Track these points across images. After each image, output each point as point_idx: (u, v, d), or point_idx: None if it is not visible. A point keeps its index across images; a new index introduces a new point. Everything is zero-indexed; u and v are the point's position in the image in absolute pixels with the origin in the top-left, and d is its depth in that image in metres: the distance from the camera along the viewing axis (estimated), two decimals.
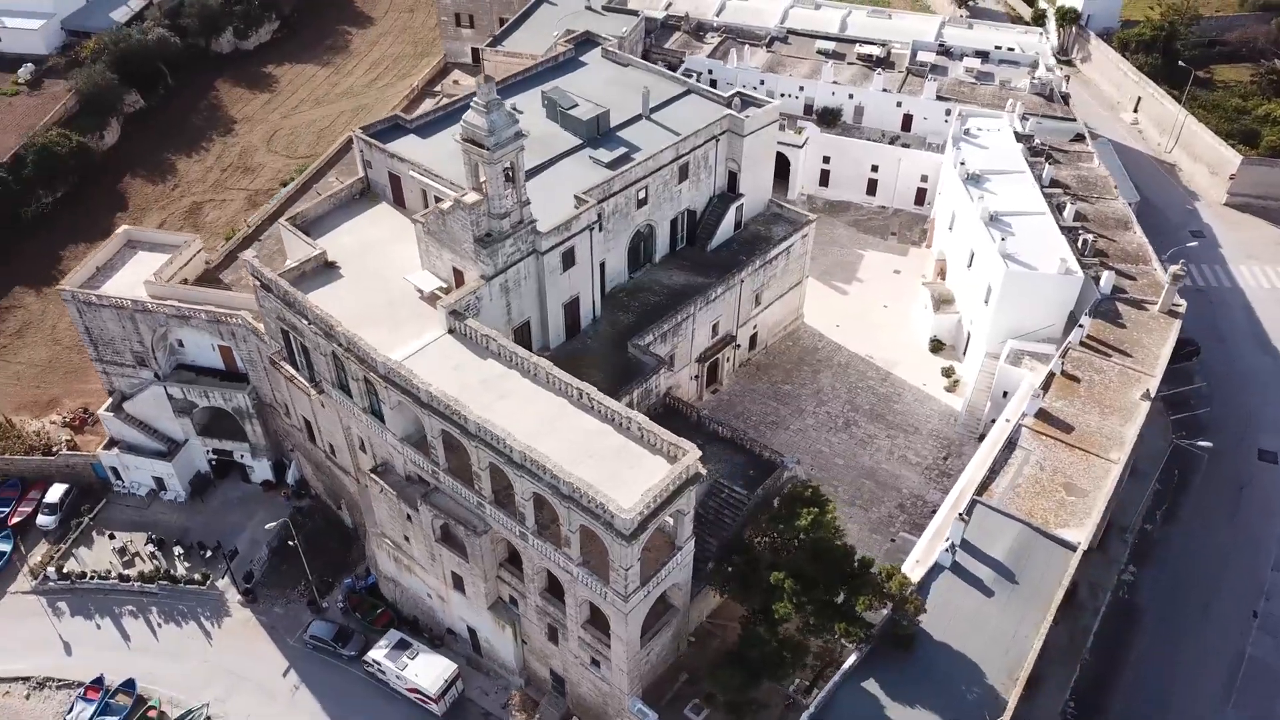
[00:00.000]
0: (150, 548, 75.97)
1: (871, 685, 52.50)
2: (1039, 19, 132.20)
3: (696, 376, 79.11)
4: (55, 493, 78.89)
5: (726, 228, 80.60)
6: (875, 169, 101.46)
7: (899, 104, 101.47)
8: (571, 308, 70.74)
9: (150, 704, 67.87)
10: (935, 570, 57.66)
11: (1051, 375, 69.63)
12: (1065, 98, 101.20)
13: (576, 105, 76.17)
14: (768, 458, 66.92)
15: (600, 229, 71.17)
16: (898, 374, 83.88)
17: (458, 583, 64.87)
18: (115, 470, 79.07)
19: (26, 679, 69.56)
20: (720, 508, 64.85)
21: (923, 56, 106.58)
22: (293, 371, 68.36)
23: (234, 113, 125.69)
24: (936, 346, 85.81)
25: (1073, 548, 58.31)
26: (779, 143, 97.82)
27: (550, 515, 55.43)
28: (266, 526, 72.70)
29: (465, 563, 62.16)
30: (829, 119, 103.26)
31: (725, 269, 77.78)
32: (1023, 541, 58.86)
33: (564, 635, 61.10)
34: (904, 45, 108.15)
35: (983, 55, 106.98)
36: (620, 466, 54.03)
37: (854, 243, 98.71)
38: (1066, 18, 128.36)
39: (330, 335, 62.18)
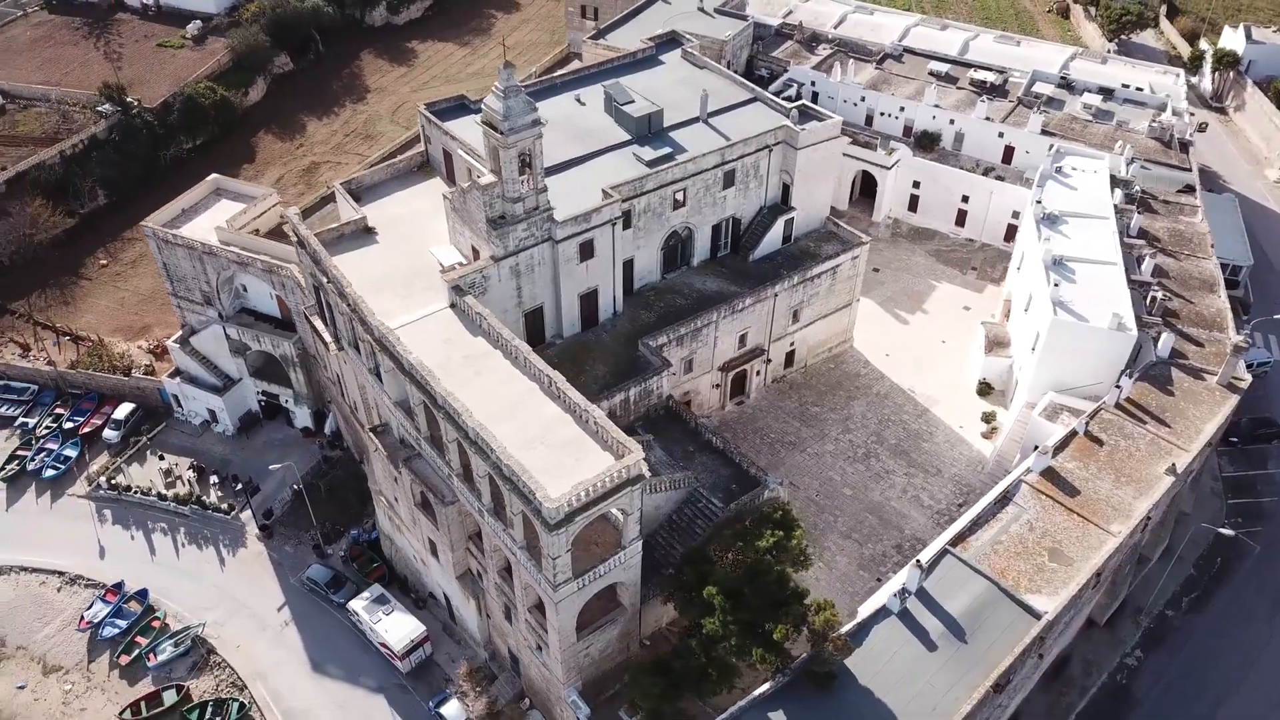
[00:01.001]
0: (191, 473, 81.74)
1: (779, 717, 51.10)
2: (1196, 61, 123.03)
3: (718, 385, 78.41)
4: (123, 410, 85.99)
5: (773, 240, 79.42)
6: (965, 199, 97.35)
7: (1001, 134, 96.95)
8: (589, 299, 71.52)
9: (156, 615, 73.23)
10: (881, 614, 55.43)
11: (1072, 434, 65.39)
12: (1185, 145, 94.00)
13: (632, 102, 76.77)
14: (753, 474, 65.84)
15: (629, 226, 71.76)
16: (936, 412, 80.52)
17: (433, 549, 67.01)
18: (176, 398, 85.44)
19: (62, 574, 76.25)
20: (694, 517, 64.33)
21: (1040, 88, 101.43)
22: (320, 326, 72.16)
23: (370, 82, 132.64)
24: (985, 390, 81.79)
25: (1037, 616, 54.73)
26: (867, 162, 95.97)
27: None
28: (271, 467, 77.05)
29: (436, 530, 64.17)
30: (927, 143, 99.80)
31: (762, 281, 76.74)
32: (985, 601, 55.70)
33: (514, 616, 62.21)
34: (1023, 74, 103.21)
35: (1106, 92, 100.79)
36: (568, 457, 54.50)
37: (929, 273, 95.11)
38: (1224, 61, 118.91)
39: (342, 295, 65.28)
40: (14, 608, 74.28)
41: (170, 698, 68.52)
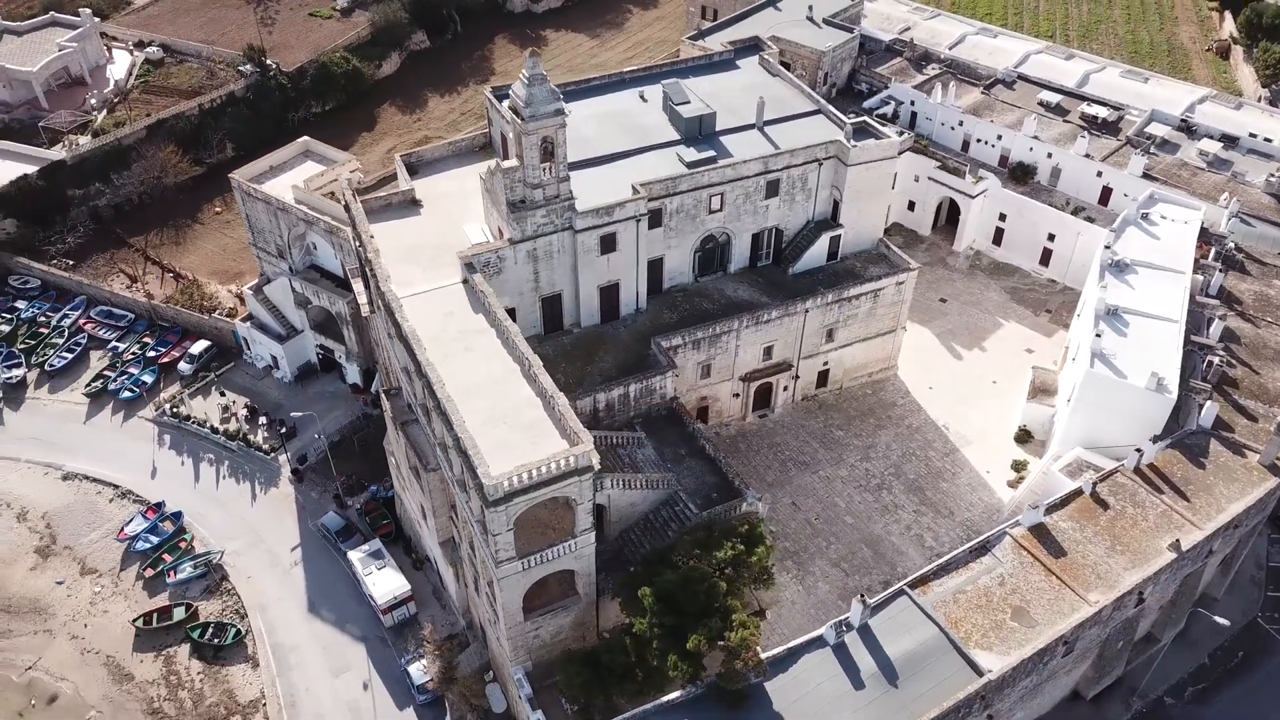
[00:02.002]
0: (245, 412, 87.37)
1: None
2: None
3: (738, 394, 77.66)
4: (199, 346, 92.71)
5: (815, 255, 77.97)
6: (1052, 238, 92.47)
7: (1099, 173, 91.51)
8: (609, 292, 72.30)
9: (185, 536, 78.88)
10: (815, 644, 54.05)
11: (1076, 493, 61.67)
12: None
13: (686, 103, 76.93)
14: (736, 485, 65.09)
15: (659, 224, 72.05)
16: (966, 453, 77.21)
17: (423, 513, 69.52)
18: (246, 341, 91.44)
19: (116, 487, 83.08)
20: (670, 519, 64.17)
21: (1155, 129, 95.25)
22: (359, 286, 75.84)
23: (497, 66, 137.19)
24: (1024, 437, 77.79)
25: (980, 673, 52.09)
26: (952, 189, 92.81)
27: None
28: (293, 414, 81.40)
29: (422, 494, 66.60)
30: (1021, 175, 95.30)
31: (796, 295, 75.54)
32: (929, 649, 53.47)
33: (479, 588, 63.91)
34: (1140, 113, 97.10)
35: (1229, 140, 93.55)
36: (526, 439, 55.56)
37: (1000, 310, 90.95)
38: None
39: (367, 260, 68.52)
40: (70, 511, 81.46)
41: (179, 614, 73.75)
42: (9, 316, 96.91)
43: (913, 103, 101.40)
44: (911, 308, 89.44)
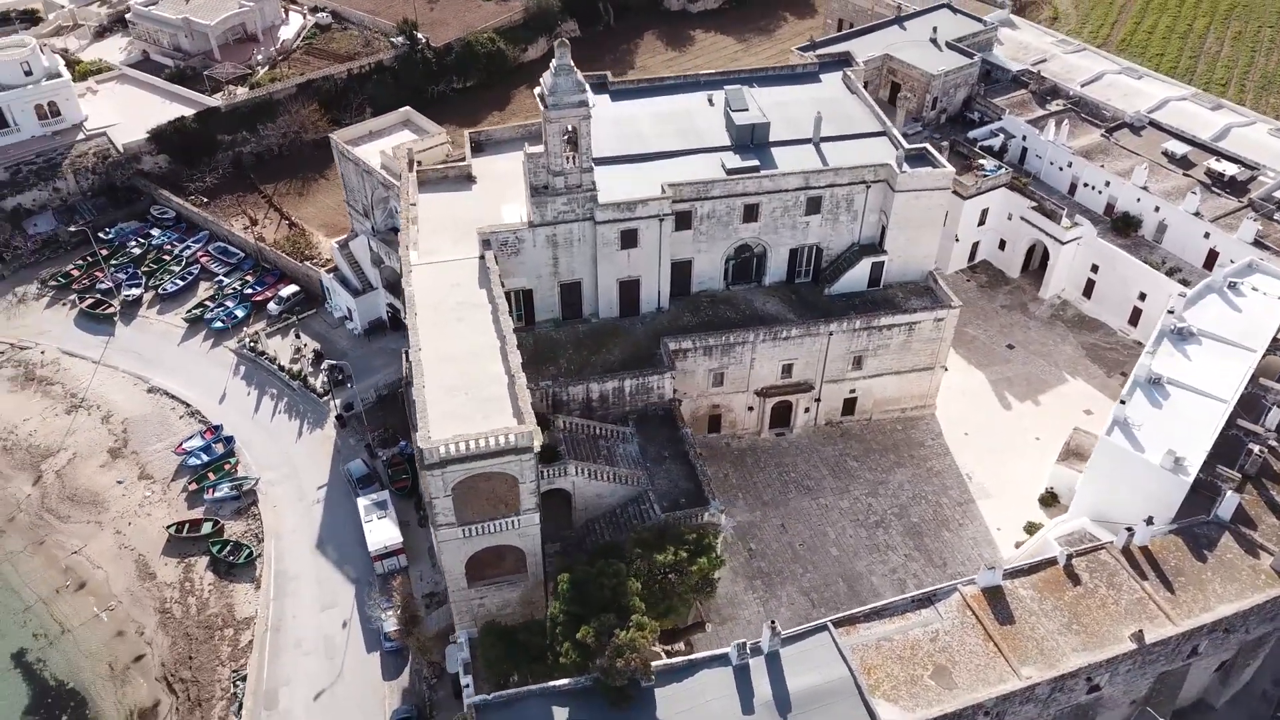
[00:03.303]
0: (311, 356, 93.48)
1: (560, 713, 51.27)
2: None
3: (752, 408, 76.70)
4: (288, 290, 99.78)
5: (854, 279, 75.96)
6: (1143, 297, 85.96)
7: (1206, 235, 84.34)
8: (629, 287, 73.13)
9: (231, 459, 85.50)
10: (717, 660, 53.31)
11: (1049, 562, 57.80)
12: None
13: (744, 110, 76.59)
14: (706, 494, 64.73)
15: (688, 227, 72.25)
16: (980, 507, 73.40)
17: None
18: (328, 291, 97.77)
19: (188, 405, 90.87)
20: (634, 516, 64.77)
21: None
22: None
23: (638, 60, 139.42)
24: (1049, 500, 73.12)
25: None
26: (1043, 231, 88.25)
27: None
28: (327, 362, 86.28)
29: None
30: (1124, 227, 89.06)
31: (826, 316, 73.96)
32: (832, 690, 51.77)
33: None
34: (1276, 175, 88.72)
35: None
36: (479, 412, 57.57)
37: (1070, 365, 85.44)
38: None
39: (398, 226, 72.27)
40: (146, 420, 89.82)
41: (207, 528, 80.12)
42: (143, 241, 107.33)
43: (1024, 138, 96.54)
44: (974, 350, 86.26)
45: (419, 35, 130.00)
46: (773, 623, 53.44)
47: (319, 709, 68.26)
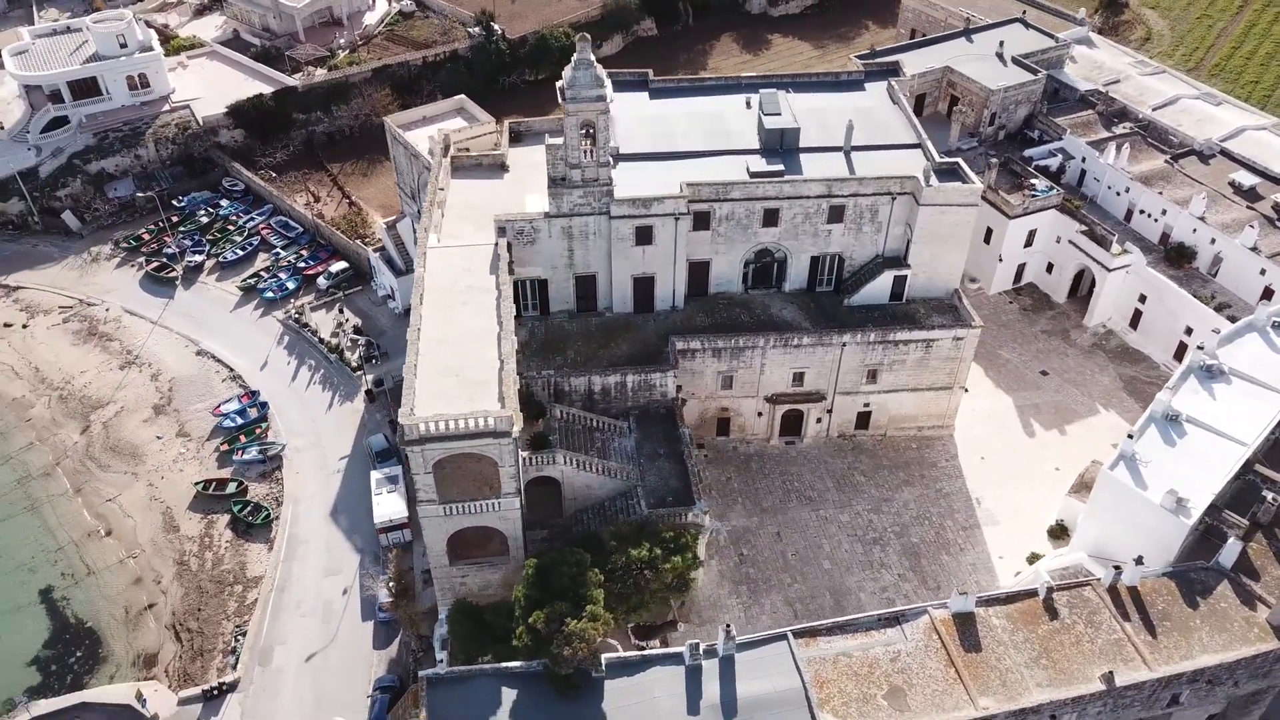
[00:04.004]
0: (351, 330, 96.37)
1: (507, 693, 51.99)
2: None
3: (761, 414, 76.09)
4: (337, 266, 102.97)
5: (876, 291, 74.72)
6: (1189, 332, 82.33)
7: (1263, 271, 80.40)
8: (644, 284, 73.39)
9: (263, 424, 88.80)
10: (670, 659, 53.32)
11: (1029, 594, 56.09)
12: None
13: (776, 115, 76.07)
14: (693, 494, 64.64)
15: (706, 228, 72.15)
16: (986, 533, 71.48)
17: None
18: (374, 269, 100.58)
19: (232, 369, 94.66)
20: (622, 509, 65.19)
21: None
22: None
23: (711, 62, 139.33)
24: (1059, 532, 70.69)
25: None
26: (1090, 257, 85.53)
27: None
28: (363, 339, 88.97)
29: None
30: (1177, 257, 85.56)
31: (842, 326, 73.05)
32: (782, 700, 51.27)
33: None
34: None
35: None
36: (465, 394, 58.68)
37: (1105, 397, 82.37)
38: None
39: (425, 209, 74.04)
40: (191, 380, 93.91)
41: (231, 488, 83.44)
42: (211, 211, 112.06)
43: (1084, 159, 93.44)
44: (1005, 373, 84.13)
45: (495, 26, 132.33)
46: (728, 626, 53.23)
47: (309, 670, 70.52)
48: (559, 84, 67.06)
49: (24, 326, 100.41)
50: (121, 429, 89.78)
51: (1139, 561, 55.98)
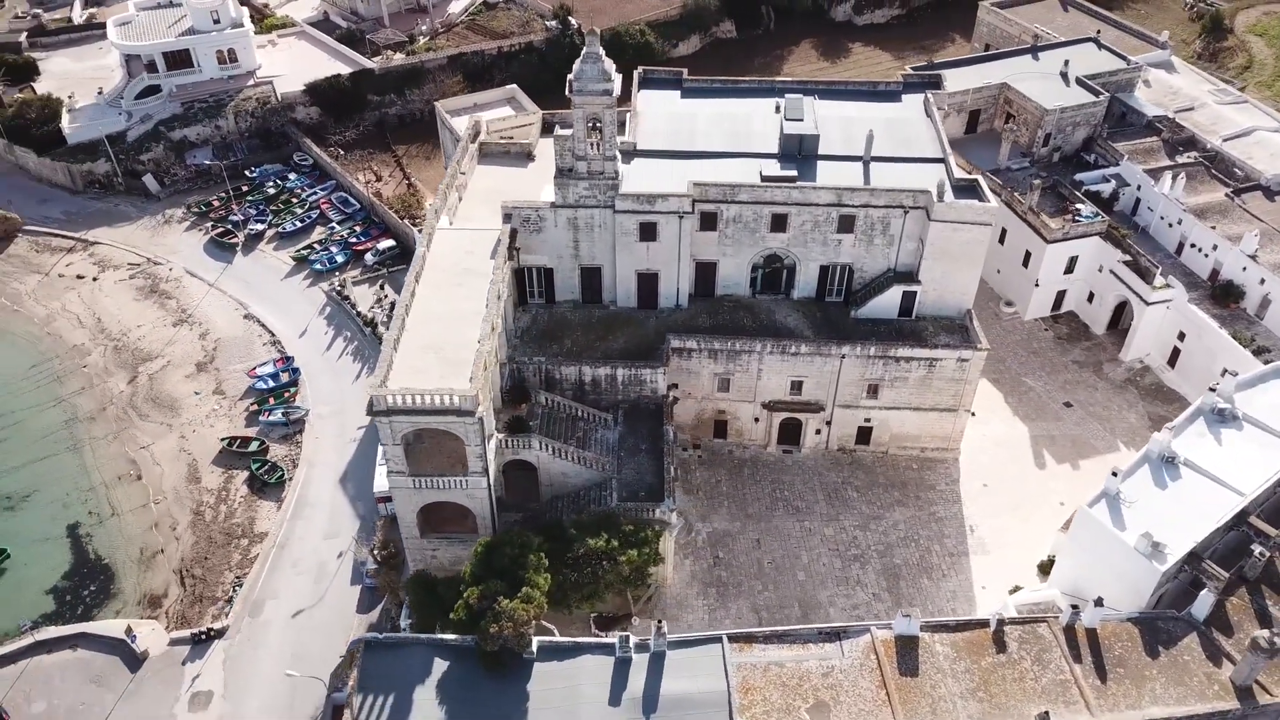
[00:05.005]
0: (388, 306, 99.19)
1: (433, 662, 53.19)
2: None
3: (758, 419, 75.51)
4: (385, 244, 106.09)
5: (884, 305, 73.38)
6: (1225, 373, 78.09)
7: None
8: (647, 280, 73.73)
9: (292, 389, 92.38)
10: (601, 648, 53.65)
11: (980, 624, 54.45)
12: None
13: (799, 121, 75.46)
14: (665, 491, 64.74)
15: (712, 228, 72.10)
16: (973, 561, 69.53)
17: None
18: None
19: (274, 334, 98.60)
20: (594, 500, 65.75)
21: None
22: None
23: (785, 67, 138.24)
24: (1048, 566, 68.04)
25: None
26: (1128, 287, 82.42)
27: None
28: (375, 303, 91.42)
29: None
30: (1224, 296, 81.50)
31: (845, 338, 72.09)
32: (705, 701, 51.07)
33: None
34: None
35: None
36: (439, 371, 60.04)
37: (1129, 435, 79.02)
38: None
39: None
40: (234, 341, 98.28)
41: (253, 446, 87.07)
42: (279, 184, 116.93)
43: (1139, 187, 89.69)
44: (1026, 401, 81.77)
45: (572, 20, 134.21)
46: (659, 622, 53.29)
47: (293, 626, 73.05)
48: (569, 77, 67.94)
49: (94, 279, 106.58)
50: (165, 382, 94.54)
51: (1099, 603, 53.73)
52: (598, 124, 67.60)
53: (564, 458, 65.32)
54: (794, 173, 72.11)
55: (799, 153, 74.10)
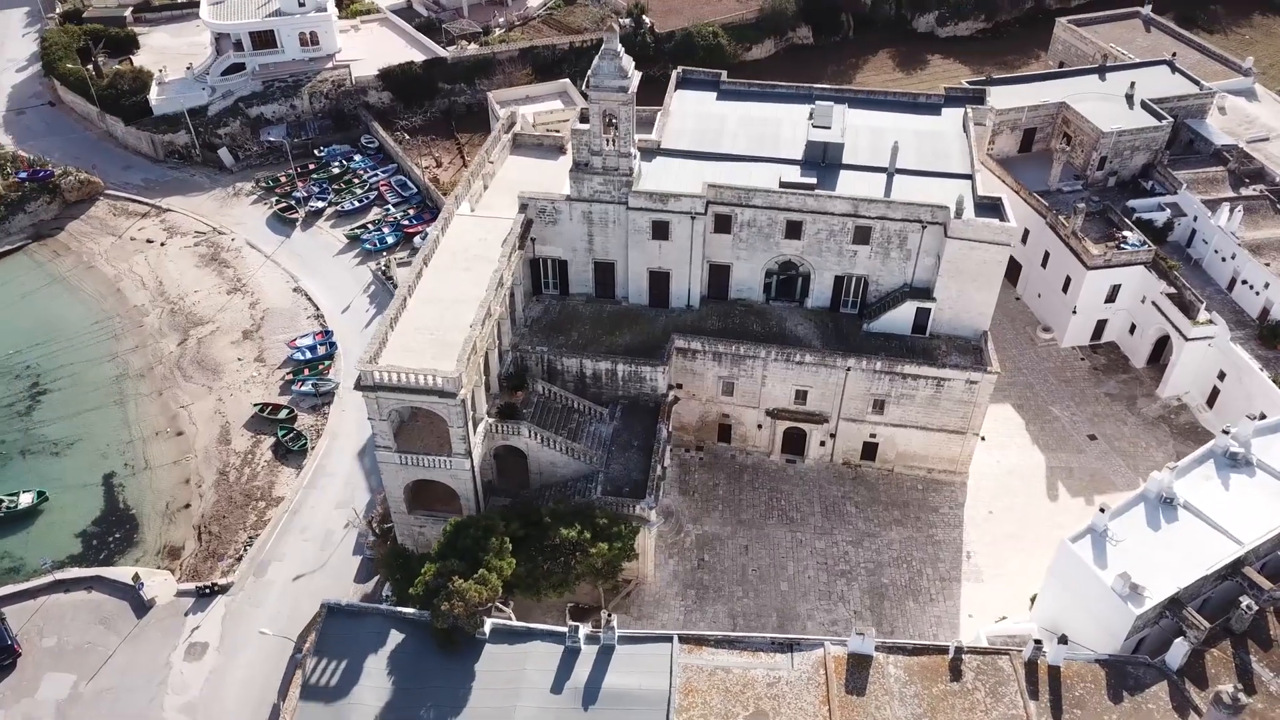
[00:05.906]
0: None
1: (390, 633, 54.46)
2: None
3: (761, 426, 74.93)
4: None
5: (897, 320, 72.04)
6: (1263, 418, 74.31)
7: None
8: (659, 278, 73.87)
9: (327, 362, 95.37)
10: (554, 636, 54.12)
11: (937, 649, 53.14)
12: None
13: (825, 129, 74.60)
14: (647, 489, 64.88)
15: (727, 231, 71.86)
16: (965, 588, 67.78)
17: None
18: None
19: (318, 308, 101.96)
20: (579, 491, 66.33)
21: None
22: None
23: (860, 77, 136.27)
24: None
25: None
26: (1169, 321, 79.39)
27: None
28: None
29: None
30: (1271, 337, 77.58)
31: (853, 351, 71.07)
32: (646, 699, 51.17)
33: None
34: None
35: None
36: (431, 352, 61.47)
37: (1150, 468, 75.71)
38: None
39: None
40: (280, 313, 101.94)
41: (283, 414, 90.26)
42: (344, 164, 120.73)
43: (1195, 218, 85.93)
44: (1049, 431, 79.59)
45: (646, 19, 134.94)
46: (609, 615, 53.49)
47: (293, 589, 75.45)
48: (588, 73, 68.58)
49: (161, 244, 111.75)
50: (212, 346, 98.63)
51: (1062, 640, 51.88)
52: (614, 120, 67.99)
53: (552, 447, 66.01)
54: (813, 180, 71.33)
55: (822, 160, 73.26)
